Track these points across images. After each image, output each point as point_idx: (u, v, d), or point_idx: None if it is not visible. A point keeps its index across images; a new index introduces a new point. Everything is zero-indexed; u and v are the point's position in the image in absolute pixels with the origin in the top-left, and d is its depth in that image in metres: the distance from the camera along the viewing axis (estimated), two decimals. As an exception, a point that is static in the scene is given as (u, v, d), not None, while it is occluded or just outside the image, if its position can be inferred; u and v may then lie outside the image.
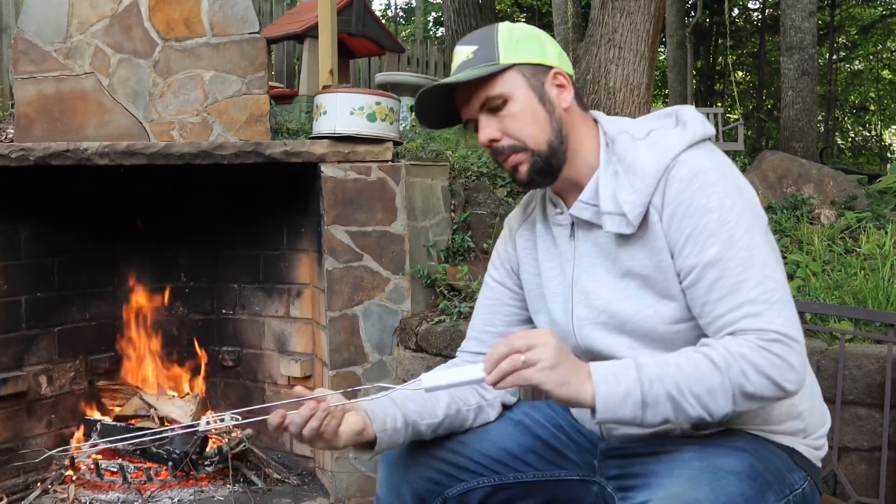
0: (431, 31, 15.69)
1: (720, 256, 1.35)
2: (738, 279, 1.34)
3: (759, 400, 1.32)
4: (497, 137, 1.48)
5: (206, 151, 3.11)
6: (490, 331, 1.70)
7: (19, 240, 3.27)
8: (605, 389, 1.30)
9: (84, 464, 3.22)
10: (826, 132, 15.30)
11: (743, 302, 1.33)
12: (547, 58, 1.51)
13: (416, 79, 5.85)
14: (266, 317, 3.61)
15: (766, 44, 15.24)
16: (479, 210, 3.61)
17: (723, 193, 1.38)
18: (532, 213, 1.66)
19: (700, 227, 1.37)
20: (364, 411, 1.48)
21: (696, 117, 1.48)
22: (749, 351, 1.30)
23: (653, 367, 1.32)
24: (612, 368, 1.33)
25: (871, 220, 3.32)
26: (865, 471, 2.14)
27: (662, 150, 1.42)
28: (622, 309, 1.46)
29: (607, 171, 1.48)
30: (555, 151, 1.48)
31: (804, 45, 7.65)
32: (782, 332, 1.30)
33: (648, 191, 1.41)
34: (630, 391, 1.30)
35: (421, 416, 1.55)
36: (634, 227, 1.42)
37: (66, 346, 3.44)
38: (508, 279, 1.70)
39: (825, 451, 1.56)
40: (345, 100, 3.15)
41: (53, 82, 3.22)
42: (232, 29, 3.30)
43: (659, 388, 1.30)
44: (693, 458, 1.38)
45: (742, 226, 1.36)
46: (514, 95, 1.47)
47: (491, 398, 1.66)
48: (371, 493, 3.13)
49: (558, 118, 1.49)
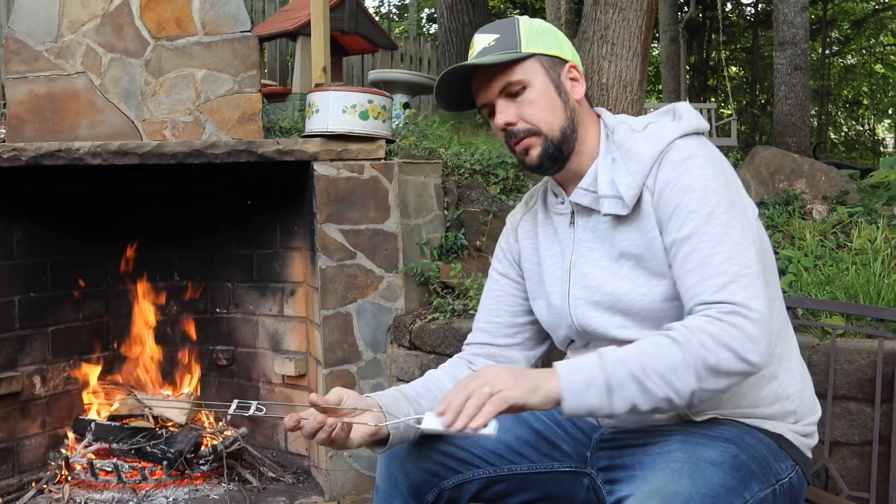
0: (425, 28, 15.67)
1: (695, 231, 1.40)
2: (710, 253, 1.38)
3: (724, 374, 1.32)
4: (513, 121, 1.55)
5: (199, 150, 3.11)
6: (496, 321, 1.75)
7: (12, 240, 3.26)
8: (568, 378, 1.33)
9: (78, 463, 3.22)
10: (819, 127, 15.32)
11: (711, 274, 1.37)
12: (563, 51, 1.59)
13: (410, 76, 5.85)
14: (260, 315, 3.62)
15: (759, 39, 15.26)
16: (472, 207, 3.61)
17: (708, 176, 1.44)
18: (534, 206, 1.73)
19: (683, 205, 1.43)
20: (380, 409, 1.50)
21: (692, 113, 1.56)
22: (707, 324, 1.33)
23: (614, 352, 1.35)
24: (574, 360, 1.37)
25: (862, 214, 3.33)
26: (857, 465, 2.15)
27: (658, 138, 1.50)
28: (616, 288, 1.52)
29: (606, 159, 1.55)
30: (566, 139, 1.55)
31: (797, 39, 7.66)
32: (742, 303, 1.33)
33: (643, 173, 1.48)
34: (593, 376, 1.32)
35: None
36: (629, 208, 1.49)
37: (59, 346, 3.43)
38: (511, 270, 1.76)
39: (815, 440, 1.58)
40: (337, 98, 3.15)
41: (45, 82, 3.22)
42: (224, 27, 3.29)
43: (621, 369, 1.32)
44: (677, 450, 1.41)
45: (722, 207, 1.41)
46: (533, 82, 1.54)
47: None
48: (366, 491, 3.13)
49: (572, 108, 1.57)
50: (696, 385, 1.32)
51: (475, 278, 3.17)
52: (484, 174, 3.88)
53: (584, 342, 1.63)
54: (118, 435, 3.28)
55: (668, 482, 1.32)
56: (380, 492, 1.64)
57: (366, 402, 1.49)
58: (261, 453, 3.48)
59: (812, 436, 1.57)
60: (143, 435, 3.28)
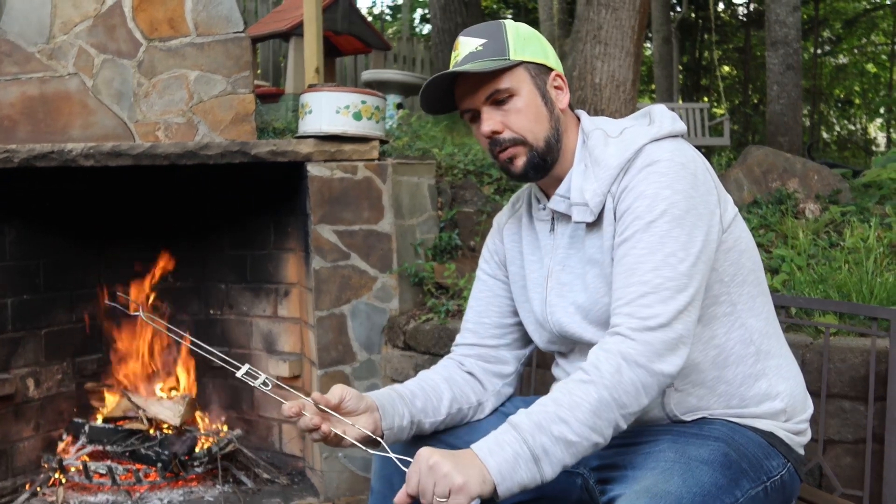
0: (418, 29, 15.67)
1: (632, 236, 1.41)
2: (638, 260, 1.39)
3: (642, 392, 1.33)
4: (499, 130, 1.54)
5: (192, 152, 3.10)
6: (485, 322, 1.75)
7: (4, 242, 3.25)
8: (494, 461, 1.28)
9: (73, 466, 3.21)
10: (811, 126, 15.37)
11: (634, 282, 1.38)
12: (548, 59, 1.58)
13: (403, 76, 5.85)
14: (254, 317, 3.61)
15: (752, 38, 15.29)
16: (465, 208, 3.61)
17: (664, 184, 1.42)
18: (519, 210, 1.73)
19: (630, 210, 1.43)
20: (377, 409, 1.52)
21: (665, 115, 1.54)
22: (618, 344, 1.34)
23: (527, 418, 1.31)
24: (490, 439, 1.31)
25: (855, 213, 3.34)
26: (850, 463, 2.16)
27: (628, 145, 1.48)
28: (585, 299, 1.52)
29: (579, 166, 1.55)
30: (551, 148, 1.54)
31: (789, 39, 7.68)
32: (652, 316, 1.34)
33: (609, 181, 1.47)
34: (518, 452, 1.28)
35: (426, 413, 1.60)
36: (595, 216, 1.48)
37: (52, 348, 3.42)
38: (499, 271, 1.76)
39: (808, 437, 1.58)
40: (330, 98, 3.15)
41: (37, 83, 3.21)
42: (216, 28, 3.29)
43: (542, 436, 1.29)
44: (668, 450, 1.41)
45: (669, 215, 1.40)
46: (521, 91, 1.53)
47: (490, 392, 1.71)
48: (360, 492, 3.13)
49: (556, 117, 1.56)
50: (618, 415, 1.33)
51: (469, 279, 3.18)
52: (477, 174, 3.88)
53: (568, 347, 1.63)
54: (112, 437, 3.27)
55: (659, 481, 1.32)
56: (374, 493, 1.64)
57: (365, 403, 1.50)
58: (255, 455, 3.48)
59: (804, 433, 1.57)
60: (138, 437, 3.28)
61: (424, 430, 1.61)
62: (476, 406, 1.68)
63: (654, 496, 1.28)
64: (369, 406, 1.50)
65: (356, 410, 1.48)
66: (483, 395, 1.70)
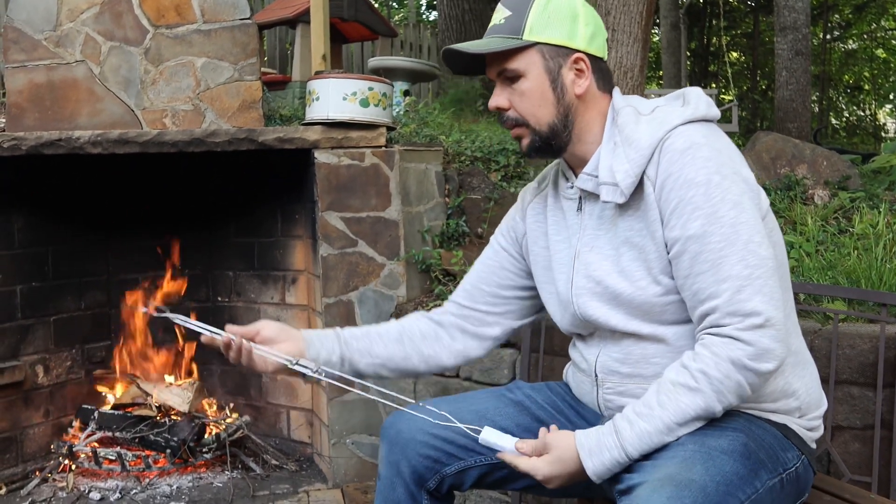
0: (424, 15, 15.62)
1: (703, 231, 1.37)
2: (720, 254, 1.36)
3: (748, 389, 1.37)
4: (505, 106, 1.54)
5: (199, 139, 3.10)
6: (483, 289, 1.76)
7: (13, 229, 3.26)
8: (591, 463, 1.40)
9: (82, 452, 3.23)
10: (820, 112, 15.28)
11: (724, 277, 1.35)
12: (574, 40, 1.51)
13: (410, 63, 5.83)
14: (261, 304, 3.62)
15: (760, 24, 15.19)
16: (473, 195, 3.61)
17: (712, 169, 1.39)
18: (545, 188, 1.70)
19: (686, 200, 1.39)
20: (302, 340, 1.65)
21: (701, 98, 1.51)
22: (723, 348, 1.34)
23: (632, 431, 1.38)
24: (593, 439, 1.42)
25: (864, 199, 3.32)
26: (859, 449, 2.15)
27: (660, 124, 1.45)
28: (617, 283, 1.49)
29: (608, 144, 1.51)
30: (556, 134, 1.52)
31: (798, 24, 7.62)
32: (757, 311, 1.34)
33: (642, 162, 1.43)
34: (616, 458, 1.40)
35: (361, 354, 1.69)
36: (626, 197, 1.45)
37: (61, 335, 3.44)
38: (512, 247, 1.75)
39: (820, 432, 1.57)
40: (337, 85, 3.14)
41: (44, 71, 3.21)
42: (223, 15, 3.28)
43: (641, 444, 1.38)
44: (687, 439, 1.40)
45: (728, 202, 1.38)
46: (529, 74, 1.50)
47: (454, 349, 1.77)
48: (368, 478, 3.14)
49: (567, 104, 1.52)
50: (719, 412, 1.38)
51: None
52: (485, 161, 3.87)
53: (588, 331, 1.62)
54: (121, 423, 3.29)
55: (682, 469, 1.31)
56: (382, 479, 1.64)
57: (289, 334, 1.64)
58: (264, 441, 3.49)
59: (817, 429, 1.56)
60: (147, 423, 3.29)
61: (361, 370, 1.70)
62: (427, 359, 1.74)
63: (678, 484, 1.27)
64: (293, 336, 1.64)
65: (275, 339, 1.62)
66: (441, 350, 1.75)
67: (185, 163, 3.33)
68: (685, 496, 1.26)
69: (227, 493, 3.13)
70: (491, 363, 2.78)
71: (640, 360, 1.50)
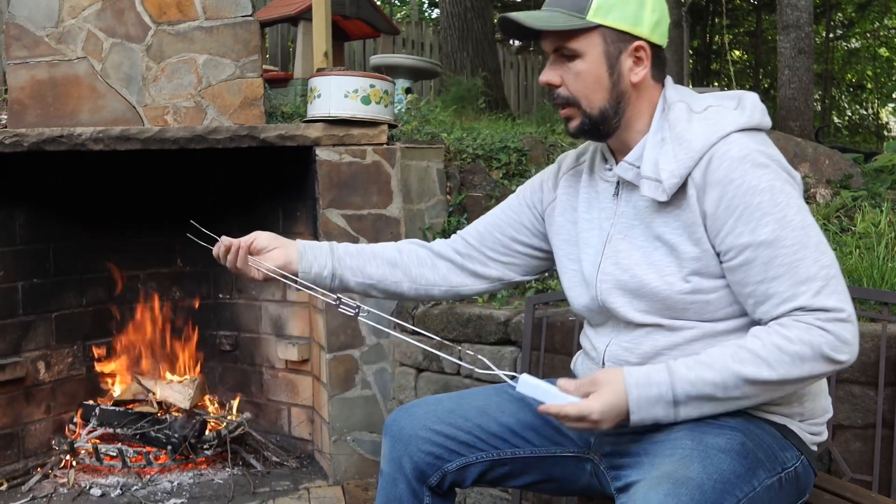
0: (426, 13, 15.61)
1: (775, 236, 1.36)
2: (796, 258, 1.36)
3: (814, 376, 1.37)
4: (556, 83, 1.51)
5: (201, 136, 3.10)
6: (496, 235, 1.77)
7: (14, 226, 3.26)
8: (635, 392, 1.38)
9: (83, 448, 3.24)
10: (823, 111, 15.26)
11: (803, 279, 1.35)
12: (638, 27, 1.47)
13: (412, 61, 5.82)
14: (263, 301, 3.62)
15: (763, 22, 15.17)
16: (474, 192, 3.60)
17: (773, 175, 1.39)
18: (582, 164, 1.69)
19: (753, 207, 1.37)
20: (295, 250, 1.70)
21: (757, 106, 1.49)
22: (805, 332, 1.34)
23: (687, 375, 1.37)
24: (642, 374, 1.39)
25: (866, 198, 3.32)
26: (860, 448, 2.15)
27: (714, 127, 1.43)
28: (645, 273, 1.48)
29: (656, 136, 1.49)
30: (606, 119, 1.50)
31: (801, 23, 7.60)
32: (838, 307, 1.34)
33: (690, 164, 1.42)
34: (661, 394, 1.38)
35: (353, 272, 1.74)
36: (668, 196, 1.43)
37: (63, 331, 3.44)
38: (536, 207, 1.75)
39: (822, 438, 1.57)
40: (339, 83, 3.14)
41: (46, 67, 3.21)
42: (225, 12, 3.28)
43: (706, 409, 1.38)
44: (684, 437, 1.40)
45: (793, 206, 1.38)
46: (587, 55, 1.47)
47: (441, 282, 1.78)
48: (369, 475, 3.15)
49: (621, 90, 1.49)
50: (775, 392, 1.39)
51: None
52: (486, 159, 3.87)
53: (601, 318, 1.61)
54: (122, 420, 3.29)
55: (679, 467, 1.32)
56: (384, 475, 1.65)
57: (281, 242, 1.69)
58: (265, 438, 3.50)
59: (819, 434, 1.56)
60: (148, 420, 3.29)
61: (351, 287, 1.76)
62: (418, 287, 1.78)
63: (676, 482, 1.27)
64: (284, 244, 1.70)
65: (267, 247, 1.68)
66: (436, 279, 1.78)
67: (186, 160, 3.32)
68: (682, 494, 1.26)
69: (227, 489, 3.13)
70: (492, 360, 2.78)
71: (650, 353, 1.50)
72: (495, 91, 8.24)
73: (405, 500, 1.61)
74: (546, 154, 3.97)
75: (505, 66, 9.65)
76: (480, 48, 8.54)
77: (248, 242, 1.68)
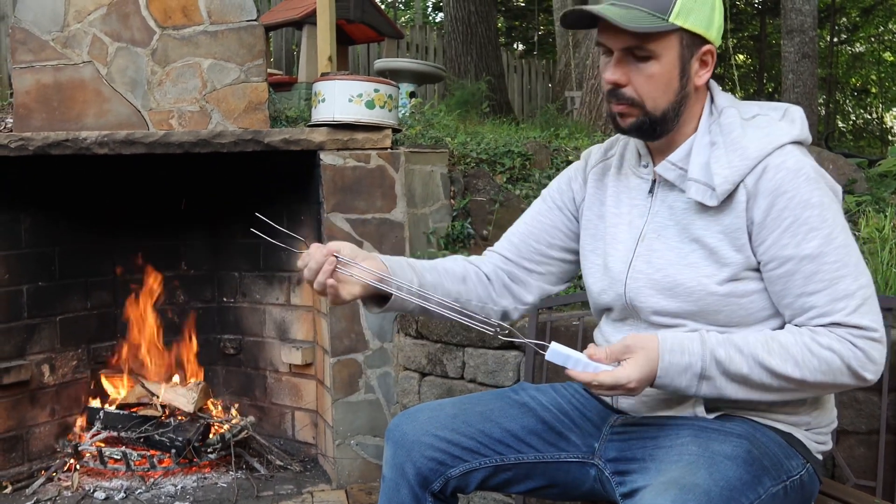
0: (431, 17, 15.63)
1: (820, 251, 1.38)
2: (837, 275, 1.37)
3: (835, 388, 1.40)
4: (623, 83, 1.47)
5: (206, 140, 3.11)
6: (531, 245, 1.74)
7: (20, 229, 3.27)
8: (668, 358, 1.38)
9: (87, 451, 3.24)
10: (827, 115, 15.24)
11: (841, 296, 1.37)
12: (710, 31, 1.47)
13: (416, 65, 5.84)
14: (267, 304, 3.62)
15: (767, 26, 15.16)
16: (478, 197, 3.61)
17: (822, 191, 1.41)
18: (610, 158, 1.67)
19: (801, 220, 1.39)
20: (382, 263, 1.54)
21: (805, 121, 1.50)
22: (837, 343, 1.35)
23: (722, 352, 1.37)
24: (676, 342, 1.39)
25: (870, 203, 3.32)
26: (864, 454, 2.15)
27: (768, 136, 1.44)
28: (680, 272, 1.48)
29: (704, 139, 1.49)
30: (666, 120, 1.49)
31: (805, 27, 7.60)
32: (871, 327, 1.36)
33: (744, 171, 1.42)
34: (690, 363, 1.38)
35: (434, 288, 1.62)
36: (719, 201, 1.43)
37: (67, 335, 3.45)
38: (567, 207, 1.73)
39: (828, 447, 1.57)
40: (343, 87, 3.14)
41: (52, 71, 3.22)
42: (230, 16, 3.29)
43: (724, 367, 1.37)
44: (690, 444, 1.40)
45: (839, 225, 1.40)
46: (662, 58, 1.44)
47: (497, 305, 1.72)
48: (373, 480, 3.15)
49: (686, 93, 1.48)
50: (796, 395, 1.41)
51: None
52: (490, 163, 3.87)
53: (621, 315, 1.60)
54: (127, 423, 3.29)
55: (686, 473, 1.32)
56: (386, 480, 1.64)
57: (367, 254, 1.53)
58: (268, 441, 3.50)
59: (825, 443, 1.56)
60: (152, 423, 3.30)
61: (430, 309, 1.60)
62: (483, 305, 1.70)
63: (682, 488, 1.27)
64: (370, 256, 1.54)
65: (356, 258, 1.50)
66: (491, 298, 1.71)
67: (191, 163, 3.33)
68: (689, 500, 1.26)
69: (231, 493, 3.14)
70: (495, 365, 2.78)
71: None
72: (499, 95, 8.26)
73: None
74: (550, 158, 3.97)
75: (509, 70, 9.66)
76: (484, 52, 8.55)
77: (338, 251, 1.50)
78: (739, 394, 1.39)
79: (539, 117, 6.27)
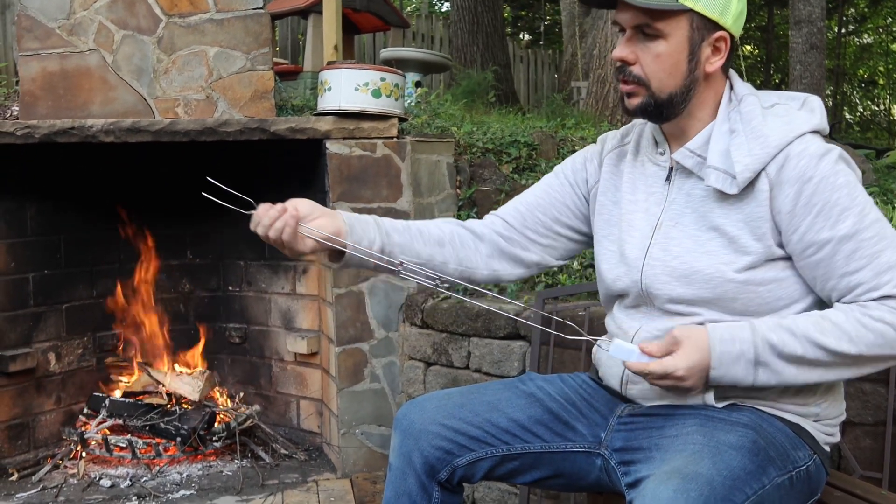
0: (437, 6, 15.58)
1: (856, 229, 1.38)
2: (877, 248, 1.38)
3: (891, 361, 1.40)
4: (630, 60, 1.48)
5: (212, 128, 3.11)
6: (537, 216, 1.73)
7: (26, 217, 3.28)
8: (719, 348, 1.38)
9: (93, 439, 3.25)
10: (834, 107, 15.19)
11: (885, 269, 1.37)
12: (725, 16, 1.46)
13: (422, 54, 5.82)
14: (272, 293, 3.63)
15: (775, 17, 15.09)
16: (484, 186, 3.60)
17: (846, 172, 1.41)
18: (627, 144, 1.67)
19: (832, 202, 1.39)
20: (343, 222, 1.56)
21: (823, 110, 1.50)
22: (890, 315, 1.36)
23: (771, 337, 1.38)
24: (726, 331, 1.39)
25: (878, 195, 3.31)
26: (870, 445, 2.14)
27: (789, 125, 1.44)
28: (698, 259, 1.47)
29: (723, 126, 1.49)
30: (672, 103, 1.48)
31: (813, 18, 7.57)
32: None
33: (765, 159, 1.42)
34: (743, 351, 1.38)
35: (401, 249, 1.62)
36: (740, 189, 1.43)
37: (73, 323, 3.45)
38: (579, 187, 1.72)
39: (836, 439, 1.56)
40: (349, 76, 3.13)
41: (58, 59, 3.21)
42: (236, 4, 3.28)
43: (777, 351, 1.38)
44: (696, 433, 1.40)
45: (868, 201, 1.41)
46: (671, 38, 1.44)
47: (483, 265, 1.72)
48: (378, 469, 3.15)
49: (694, 78, 1.48)
50: (851, 376, 1.41)
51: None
52: (496, 153, 3.86)
53: (636, 303, 1.59)
54: (132, 411, 3.30)
55: (689, 463, 1.31)
56: (393, 469, 1.64)
57: (324, 210, 1.56)
58: (273, 430, 3.51)
59: (833, 435, 1.55)
60: (157, 411, 3.31)
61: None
62: (464, 268, 1.69)
63: (685, 477, 1.27)
64: (328, 213, 1.56)
65: (310, 215, 1.54)
66: (479, 262, 1.71)
67: (197, 152, 3.33)
68: (691, 489, 1.25)
69: (236, 481, 3.15)
70: (501, 354, 2.78)
71: None
72: (505, 85, 8.23)
73: (414, 495, 1.61)
74: (556, 148, 3.96)
75: (515, 60, 9.63)
76: (490, 42, 8.53)
77: (294, 209, 1.55)
78: (800, 377, 1.39)
79: (545, 107, 6.25)
